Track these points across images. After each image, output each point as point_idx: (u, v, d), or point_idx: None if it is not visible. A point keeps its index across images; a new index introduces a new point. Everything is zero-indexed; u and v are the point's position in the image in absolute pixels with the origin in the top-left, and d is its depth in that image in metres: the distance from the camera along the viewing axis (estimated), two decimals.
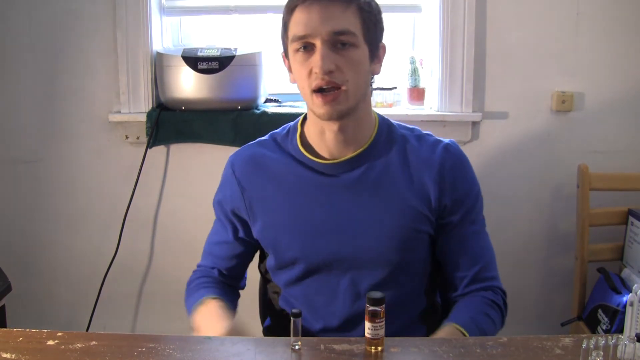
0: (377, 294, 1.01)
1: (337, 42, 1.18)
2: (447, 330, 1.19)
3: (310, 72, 1.19)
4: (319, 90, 1.19)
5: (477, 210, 1.31)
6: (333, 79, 1.18)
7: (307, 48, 1.19)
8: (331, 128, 1.25)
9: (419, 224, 1.27)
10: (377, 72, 1.28)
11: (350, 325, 1.30)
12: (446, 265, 1.33)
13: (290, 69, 1.28)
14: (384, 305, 1.02)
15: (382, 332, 1.03)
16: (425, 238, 1.29)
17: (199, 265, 1.43)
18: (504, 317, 1.31)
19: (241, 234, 1.36)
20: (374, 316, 1.02)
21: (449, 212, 1.28)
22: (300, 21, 1.18)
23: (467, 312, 1.25)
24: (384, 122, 1.32)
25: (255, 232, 1.34)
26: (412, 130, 1.33)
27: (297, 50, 1.20)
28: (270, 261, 1.37)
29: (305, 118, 1.33)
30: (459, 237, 1.30)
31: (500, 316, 1.29)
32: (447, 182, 1.26)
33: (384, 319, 1.02)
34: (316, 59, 1.17)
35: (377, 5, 1.25)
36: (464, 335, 1.17)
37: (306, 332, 1.30)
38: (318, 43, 1.17)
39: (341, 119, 1.23)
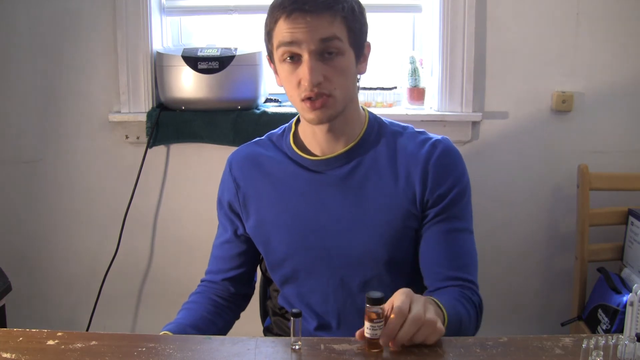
0: (376, 294, 1.01)
1: (324, 52, 1.18)
2: (426, 299, 1.07)
3: (299, 83, 1.19)
4: (308, 98, 1.20)
5: (461, 207, 1.28)
6: (322, 90, 1.19)
7: (294, 58, 1.19)
8: (321, 128, 1.27)
9: (406, 221, 1.26)
10: (364, 72, 1.29)
11: (346, 323, 1.31)
12: (421, 261, 1.28)
13: (276, 72, 1.28)
14: (383, 306, 1.02)
15: (380, 332, 1.03)
16: (414, 235, 1.29)
17: (205, 273, 1.43)
18: (479, 321, 1.25)
19: (240, 230, 1.37)
20: (372, 317, 1.02)
21: (430, 206, 1.26)
22: (285, 31, 1.17)
23: (445, 297, 1.18)
24: (374, 120, 1.33)
25: (248, 229, 1.35)
26: (404, 128, 1.33)
27: (284, 60, 1.20)
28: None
29: (299, 119, 1.35)
30: (438, 232, 1.26)
31: (475, 314, 1.23)
32: (430, 177, 1.25)
33: (383, 319, 1.02)
34: (304, 71, 1.17)
35: (360, 6, 1.24)
36: (441, 310, 1.10)
37: (304, 331, 1.30)
38: (305, 54, 1.17)
39: (330, 122, 1.24)
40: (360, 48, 1.25)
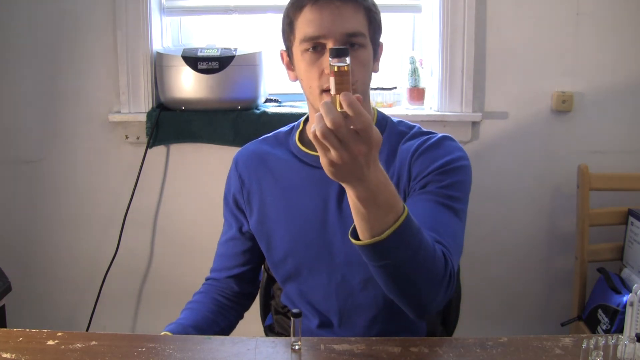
0: (340, 47, 0.92)
1: (348, 44, 1.18)
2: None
3: (321, 73, 1.19)
4: (329, 90, 1.19)
5: (449, 184, 1.21)
6: None
7: (317, 48, 1.19)
8: None
9: None
10: (377, 71, 1.30)
11: (348, 321, 1.31)
12: None
13: (289, 67, 1.29)
14: (348, 58, 0.91)
15: (348, 87, 0.91)
16: None
17: (210, 272, 1.44)
18: (449, 284, 1.07)
19: (245, 227, 1.38)
20: (339, 73, 0.91)
21: (416, 182, 1.23)
22: (312, 21, 1.18)
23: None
24: (382, 119, 1.34)
25: (251, 225, 1.35)
26: (410, 127, 1.33)
27: (307, 50, 1.20)
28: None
29: (308, 118, 1.36)
30: (418, 200, 1.18)
31: (444, 268, 1.06)
32: (417, 163, 1.24)
33: (350, 76, 0.92)
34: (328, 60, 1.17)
35: (376, 5, 1.27)
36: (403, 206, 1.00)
37: (305, 329, 1.30)
38: (330, 44, 1.18)
39: None
40: (377, 45, 1.27)
